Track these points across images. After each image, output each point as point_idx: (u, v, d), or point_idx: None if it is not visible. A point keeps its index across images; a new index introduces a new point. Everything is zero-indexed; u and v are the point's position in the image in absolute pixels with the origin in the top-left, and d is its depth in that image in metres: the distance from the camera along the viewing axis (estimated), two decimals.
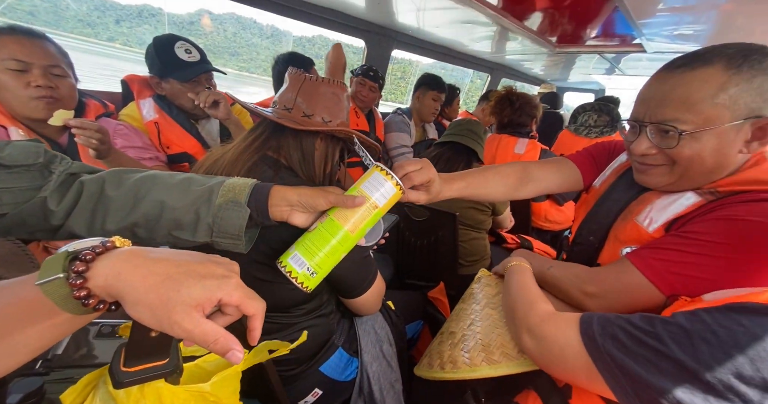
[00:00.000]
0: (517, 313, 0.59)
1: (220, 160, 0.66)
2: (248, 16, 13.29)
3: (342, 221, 0.53)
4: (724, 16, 1.35)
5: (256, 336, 0.36)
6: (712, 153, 0.54)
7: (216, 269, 0.34)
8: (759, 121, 0.51)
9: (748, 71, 0.50)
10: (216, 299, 0.32)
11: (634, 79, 3.44)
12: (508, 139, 1.62)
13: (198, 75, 1.09)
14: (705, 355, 0.36)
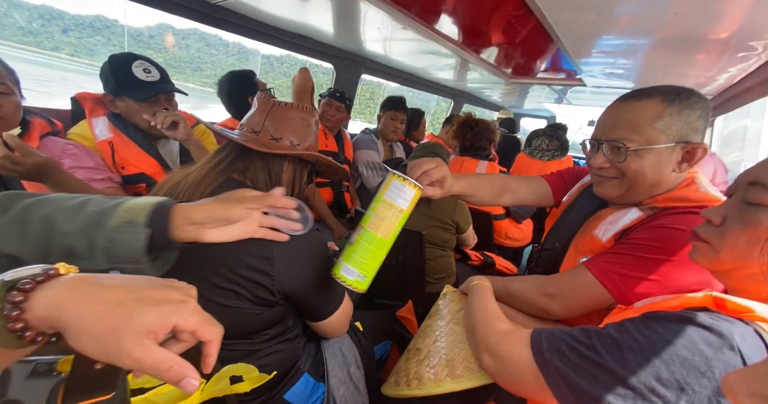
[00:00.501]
0: (477, 333, 0.62)
1: (183, 182, 0.64)
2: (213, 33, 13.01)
3: (376, 230, 0.60)
4: (646, 59, 1.58)
5: (211, 362, 0.34)
6: (651, 169, 0.66)
7: (172, 295, 0.33)
8: (687, 145, 0.64)
9: (678, 105, 0.64)
10: (171, 325, 0.31)
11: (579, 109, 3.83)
12: (470, 161, 1.72)
13: (155, 95, 1.05)
14: (631, 362, 0.41)
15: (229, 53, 7.43)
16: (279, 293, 0.64)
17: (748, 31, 1.02)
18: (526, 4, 1.06)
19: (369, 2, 1.16)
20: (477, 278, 0.78)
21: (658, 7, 0.95)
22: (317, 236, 0.68)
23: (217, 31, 1.54)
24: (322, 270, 0.68)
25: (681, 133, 0.64)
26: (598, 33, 1.27)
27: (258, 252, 0.60)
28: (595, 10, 1.05)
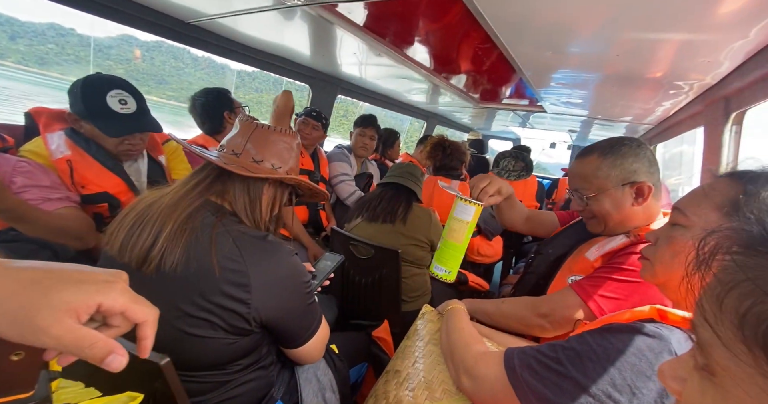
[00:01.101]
0: (455, 356, 0.64)
1: (157, 204, 0.62)
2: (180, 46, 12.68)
3: (452, 239, 0.82)
4: (597, 91, 1.76)
5: (147, 345, 0.32)
6: (612, 208, 0.80)
7: (97, 275, 0.30)
8: (634, 184, 0.79)
9: (610, 157, 0.80)
10: (94, 304, 0.29)
11: (541, 132, 4.12)
12: (443, 180, 1.79)
13: (129, 134, 0.99)
14: (591, 371, 0.45)
15: (197, 67, 7.27)
16: (255, 321, 0.61)
17: (676, 73, 1.18)
18: (491, 38, 1.15)
19: (345, 29, 1.22)
20: (453, 302, 0.82)
21: (602, 48, 1.08)
22: (295, 260, 0.66)
23: (185, 45, 1.52)
24: (300, 296, 0.67)
25: (621, 177, 0.79)
26: (554, 67, 1.41)
27: (234, 279, 0.58)
28: (551, 48, 1.17)
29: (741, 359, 0.17)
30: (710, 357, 0.19)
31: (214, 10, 1.23)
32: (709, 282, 0.21)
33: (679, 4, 0.71)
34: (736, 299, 0.18)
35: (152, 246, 0.57)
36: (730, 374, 0.18)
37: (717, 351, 0.19)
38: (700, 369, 0.21)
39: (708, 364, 0.19)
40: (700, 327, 0.20)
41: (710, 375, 0.19)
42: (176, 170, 1.30)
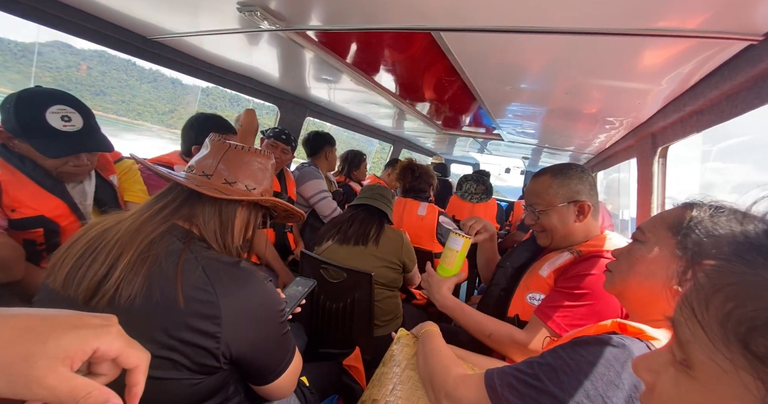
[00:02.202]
0: (434, 380, 0.64)
1: (113, 230, 0.56)
2: (124, 57, 11.33)
3: (447, 265, 0.99)
4: (544, 123, 1.96)
5: (138, 392, 0.30)
6: (558, 223, 0.93)
7: (91, 320, 0.29)
8: (577, 203, 0.92)
9: (560, 178, 0.94)
10: (91, 349, 0.28)
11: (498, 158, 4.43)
12: (412, 202, 1.83)
13: (74, 154, 0.89)
14: (566, 384, 0.47)
15: (143, 79, 6.80)
16: (225, 357, 0.56)
17: (608, 111, 1.36)
18: (456, 71, 1.25)
19: (315, 53, 1.25)
20: (427, 324, 0.82)
21: (551, 86, 1.22)
22: (270, 288, 0.62)
23: (129, 56, 1.44)
24: (275, 326, 0.62)
25: (567, 195, 0.93)
26: (510, 100, 1.55)
27: (203, 310, 0.53)
28: (509, 83, 1.29)
29: (721, 355, 0.19)
30: (689, 353, 0.21)
31: (180, 28, 1.20)
32: (698, 284, 0.22)
33: (609, 55, 0.83)
34: (722, 301, 0.20)
35: (106, 277, 0.51)
36: (708, 368, 0.20)
37: (697, 347, 0.20)
38: (676, 363, 0.22)
39: (686, 359, 0.21)
40: (683, 324, 0.22)
41: (687, 369, 0.21)
42: (129, 191, 1.19)
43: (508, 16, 0.73)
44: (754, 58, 0.60)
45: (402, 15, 0.82)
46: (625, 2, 0.58)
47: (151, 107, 15.31)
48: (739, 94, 0.72)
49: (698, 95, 0.85)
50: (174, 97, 15.17)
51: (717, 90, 0.75)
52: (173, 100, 14.79)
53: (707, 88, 0.80)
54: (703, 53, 0.70)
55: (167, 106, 15.42)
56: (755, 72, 0.61)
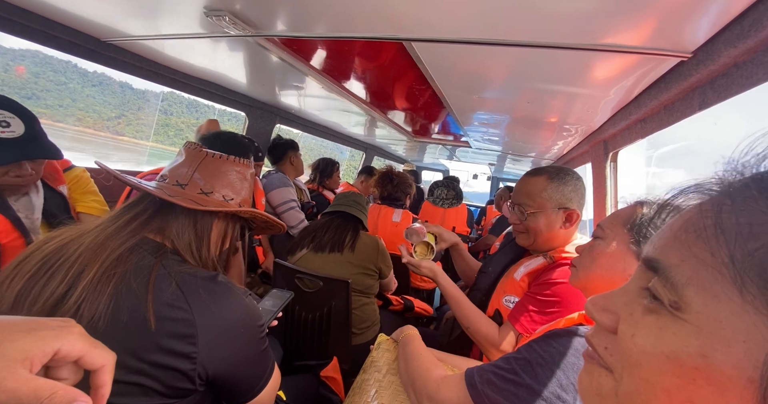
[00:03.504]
0: (416, 383, 0.64)
1: (74, 244, 0.51)
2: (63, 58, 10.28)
3: (420, 253, 1.06)
4: (508, 131, 2.07)
5: (105, 393, 0.29)
6: (544, 227, 0.91)
7: (48, 322, 0.28)
8: (566, 210, 0.91)
9: (556, 181, 0.91)
10: (52, 350, 0.26)
11: (466, 165, 4.59)
12: (387, 209, 1.85)
13: (15, 162, 0.82)
14: (541, 376, 0.50)
15: (86, 83, 6.16)
16: (201, 378, 0.52)
17: (565, 119, 1.48)
18: (426, 80, 1.30)
19: (284, 60, 1.24)
20: (407, 328, 0.83)
21: (513, 96, 1.30)
22: (249, 302, 0.59)
23: (70, 57, 1.35)
24: (254, 342, 0.59)
25: (560, 201, 0.91)
26: (477, 108, 1.62)
27: (177, 330, 0.49)
28: (475, 93, 1.36)
29: (731, 295, 0.18)
30: (683, 295, 0.20)
31: (138, 31, 1.14)
32: (701, 224, 0.20)
33: (564, 67, 0.90)
34: (738, 240, 0.18)
35: (65, 297, 0.47)
36: (710, 310, 0.18)
37: (696, 289, 0.19)
38: (660, 308, 0.21)
39: (677, 301, 0.20)
40: (677, 266, 0.20)
41: (676, 311, 0.20)
42: (82, 202, 1.10)
43: (474, 29, 0.77)
44: (685, 72, 0.68)
45: (372, 24, 0.85)
46: (576, 20, 0.64)
47: (94, 112, 13.95)
48: (674, 104, 0.81)
49: (641, 105, 0.95)
50: (123, 103, 14.05)
51: (656, 101, 0.84)
52: (122, 105, 13.65)
53: (648, 98, 0.90)
54: (643, 68, 0.78)
55: (114, 111, 14.16)
56: (686, 85, 0.69)
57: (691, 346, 0.19)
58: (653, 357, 0.20)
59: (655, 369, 0.20)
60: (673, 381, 0.19)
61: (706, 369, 0.18)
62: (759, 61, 0.50)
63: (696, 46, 0.61)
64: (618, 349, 0.23)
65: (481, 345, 0.90)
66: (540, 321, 0.82)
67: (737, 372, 0.17)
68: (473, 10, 0.68)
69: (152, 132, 3.69)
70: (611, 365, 0.23)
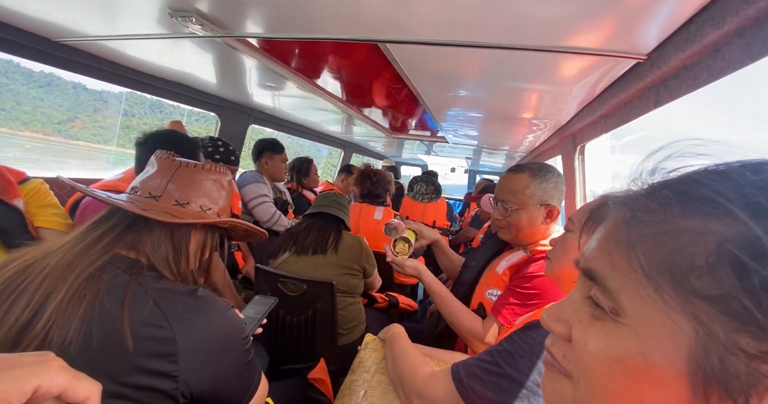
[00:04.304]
0: (404, 381, 0.66)
1: (38, 266, 0.48)
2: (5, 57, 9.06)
3: (399, 249, 1.10)
4: (483, 126, 2.12)
5: None
6: (526, 222, 0.94)
7: (24, 358, 0.28)
8: (547, 207, 0.94)
9: (539, 178, 0.93)
10: (30, 388, 0.26)
11: (444, 159, 4.66)
12: (368, 207, 1.85)
13: None
14: (522, 366, 0.53)
15: (32, 83, 5.50)
16: (184, 397, 0.51)
17: (535, 115, 1.54)
18: (401, 79, 1.30)
19: (256, 59, 1.20)
20: (393, 326, 0.84)
21: (486, 93, 1.34)
22: (232, 315, 0.58)
23: (11, 56, 1.23)
24: (239, 355, 0.58)
25: (542, 198, 0.94)
26: (452, 105, 1.65)
27: (157, 349, 0.48)
28: (449, 90, 1.38)
29: (655, 299, 0.19)
30: (619, 301, 0.21)
31: (94, 31, 1.07)
32: (623, 235, 0.22)
33: (532, 67, 0.94)
34: (653, 248, 0.20)
35: (32, 322, 0.44)
36: (640, 314, 0.20)
37: (628, 295, 0.21)
38: (599, 313, 0.23)
39: (615, 307, 0.21)
40: (610, 276, 0.22)
41: (616, 317, 0.21)
42: (40, 216, 1.03)
43: (446, 31, 0.79)
44: (641, 73, 0.73)
45: (346, 26, 0.84)
46: (542, 23, 0.66)
47: (43, 115, 12.36)
48: (633, 102, 0.87)
49: (604, 102, 1.01)
50: (76, 105, 12.65)
51: (617, 98, 0.90)
52: (75, 107, 12.27)
53: (610, 96, 0.95)
54: (604, 67, 0.83)
55: (66, 114, 12.60)
56: (643, 84, 0.74)
57: (631, 348, 0.20)
58: (604, 362, 0.21)
59: (607, 374, 0.21)
60: (623, 383, 0.20)
61: (646, 368, 0.19)
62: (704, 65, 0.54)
63: (650, 49, 0.66)
64: (575, 356, 0.24)
65: (466, 338, 0.93)
66: (521, 312, 0.86)
67: (670, 367, 0.19)
68: (445, 13, 0.69)
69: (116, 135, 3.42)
70: (570, 371, 0.24)
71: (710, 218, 0.19)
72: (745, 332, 0.17)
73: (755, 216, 0.18)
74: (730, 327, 0.17)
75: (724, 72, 0.49)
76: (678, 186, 0.21)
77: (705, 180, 0.20)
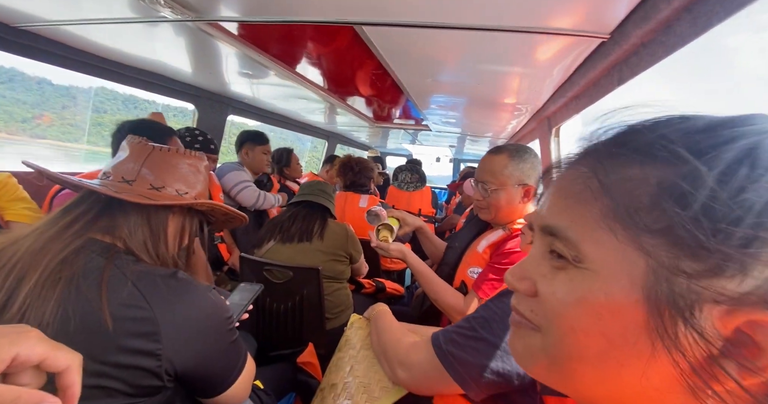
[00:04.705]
0: (387, 352, 0.68)
1: (10, 251, 0.47)
2: None
3: (383, 236, 1.10)
4: (465, 113, 2.14)
5: (75, 392, 0.29)
6: (505, 202, 0.97)
7: (3, 328, 0.28)
8: (524, 186, 0.97)
9: (517, 159, 0.97)
10: (9, 357, 0.26)
11: (428, 148, 4.69)
12: (353, 196, 1.86)
13: None
14: (496, 330, 0.56)
15: None
16: (168, 375, 0.52)
17: (515, 99, 1.57)
18: (382, 65, 1.30)
19: (232, 46, 1.17)
20: (378, 305, 0.87)
21: (466, 77, 1.35)
22: (213, 296, 0.58)
23: (12, 54, 1.18)
24: (222, 335, 0.59)
25: (519, 178, 0.97)
26: (433, 92, 1.66)
27: (138, 329, 0.48)
28: (430, 76, 1.39)
29: (610, 241, 0.22)
30: (580, 249, 0.23)
31: (56, 15, 1.02)
32: (567, 184, 0.25)
33: (508, 48, 0.96)
34: (603, 194, 0.22)
35: (6, 306, 0.44)
36: (598, 256, 0.22)
37: (588, 242, 0.23)
38: (562, 264, 0.25)
39: (577, 255, 0.23)
40: (569, 227, 0.24)
41: (577, 267, 0.23)
42: (10, 210, 1.00)
43: (422, 12, 0.79)
44: (606, 52, 0.76)
45: (320, 8, 0.83)
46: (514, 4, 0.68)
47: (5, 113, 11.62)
48: (600, 81, 0.90)
49: (574, 83, 1.04)
50: (42, 101, 11.86)
51: (585, 78, 0.93)
52: (40, 104, 11.54)
53: (579, 77, 0.98)
54: (572, 48, 0.85)
55: (31, 111, 11.84)
56: (608, 63, 0.77)
57: (594, 287, 0.23)
58: (570, 305, 0.24)
59: (574, 315, 0.23)
60: (588, 321, 0.23)
61: (607, 303, 0.22)
62: (659, 41, 0.57)
63: (612, 28, 0.69)
64: (542, 308, 0.26)
65: (449, 313, 0.97)
66: (499, 286, 0.90)
67: (628, 298, 0.21)
68: None
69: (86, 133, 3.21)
70: (539, 323, 0.26)
71: (650, 162, 0.22)
72: (685, 255, 0.19)
73: (691, 153, 0.20)
74: (673, 254, 0.20)
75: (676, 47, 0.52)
76: (619, 139, 0.24)
77: (641, 129, 0.23)
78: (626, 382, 0.22)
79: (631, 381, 0.22)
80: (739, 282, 0.18)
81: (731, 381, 0.19)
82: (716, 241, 0.18)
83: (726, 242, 0.18)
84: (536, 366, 0.26)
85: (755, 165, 0.19)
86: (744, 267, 0.18)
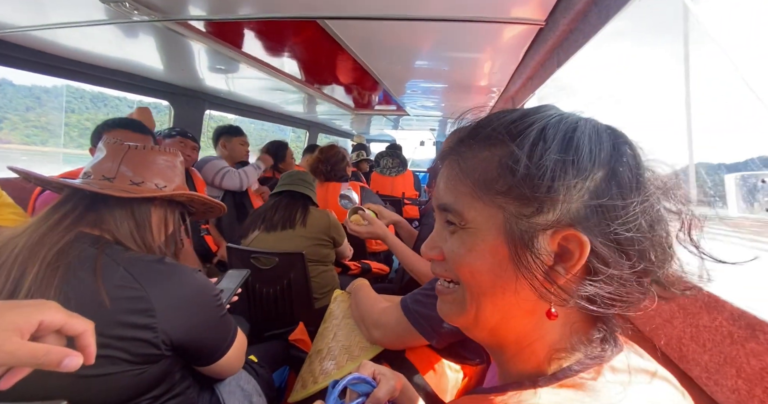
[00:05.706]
0: (364, 317, 0.78)
1: (8, 247, 0.52)
2: None
3: (354, 219, 1.18)
4: (444, 96, 2.20)
5: (92, 351, 0.37)
6: None
7: (27, 302, 0.35)
8: None
9: None
10: (36, 321, 0.33)
11: (409, 133, 4.74)
12: (335, 185, 1.92)
13: None
14: None
15: None
16: (165, 344, 0.58)
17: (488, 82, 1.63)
18: (350, 55, 1.34)
19: (201, 43, 1.20)
20: (358, 280, 0.95)
21: (436, 65, 1.41)
22: (200, 277, 0.64)
23: None
24: (211, 309, 0.65)
25: None
26: (405, 79, 1.71)
27: (133, 306, 0.54)
28: (400, 63, 1.44)
29: (480, 204, 0.30)
30: (463, 216, 0.31)
31: (21, 21, 1.03)
32: (446, 170, 0.33)
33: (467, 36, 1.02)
34: (470, 172, 0.30)
35: (14, 292, 0.50)
36: (475, 217, 0.30)
37: (468, 210, 0.31)
38: (455, 230, 0.32)
39: (463, 221, 0.31)
40: (456, 201, 0.32)
41: (464, 228, 0.31)
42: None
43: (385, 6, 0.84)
44: (545, 38, 0.83)
45: (280, 5, 0.88)
46: None
47: None
48: (544, 64, 0.98)
49: (527, 66, 1.12)
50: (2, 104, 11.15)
51: (534, 61, 1.01)
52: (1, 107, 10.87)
53: (530, 60, 1.06)
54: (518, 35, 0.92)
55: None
56: (547, 48, 0.85)
57: (477, 239, 0.31)
58: (465, 255, 0.32)
59: (470, 261, 0.31)
60: (479, 263, 0.30)
61: (487, 247, 0.30)
62: (579, 29, 0.65)
63: (545, 16, 0.76)
64: (450, 264, 0.33)
65: (420, 280, 1.06)
66: None
67: (496, 240, 0.30)
68: None
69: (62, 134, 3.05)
70: (453, 276, 0.33)
71: (491, 146, 0.31)
72: (522, 205, 0.28)
73: (510, 138, 0.29)
74: (515, 205, 0.29)
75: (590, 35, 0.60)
76: (471, 133, 0.33)
77: (483, 124, 0.32)
78: (507, 301, 0.31)
79: (510, 300, 0.30)
80: (552, 214, 0.27)
81: (562, 278, 0.28)
82: (534, 192, 0.27)
83: (539, 191, 0.27)
84: (459, 317, 0.35)
85: (545, 139, 0.28)
86: (553, 204, 0.27)
